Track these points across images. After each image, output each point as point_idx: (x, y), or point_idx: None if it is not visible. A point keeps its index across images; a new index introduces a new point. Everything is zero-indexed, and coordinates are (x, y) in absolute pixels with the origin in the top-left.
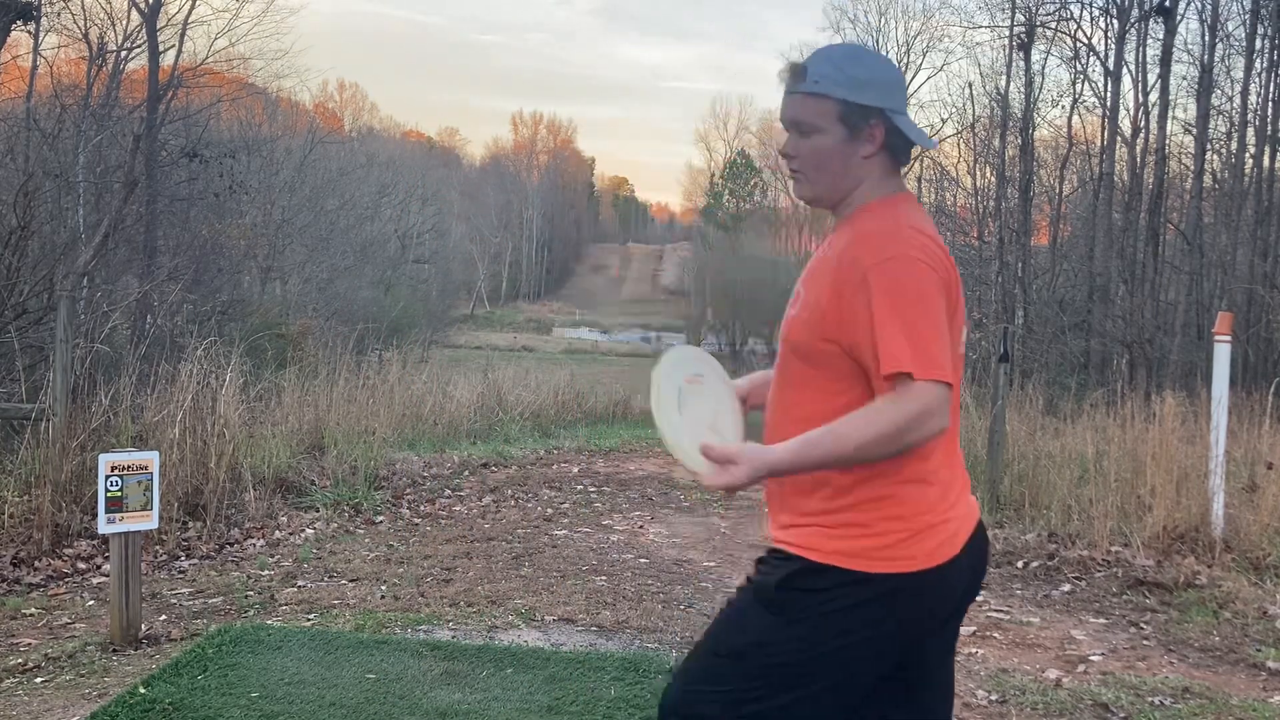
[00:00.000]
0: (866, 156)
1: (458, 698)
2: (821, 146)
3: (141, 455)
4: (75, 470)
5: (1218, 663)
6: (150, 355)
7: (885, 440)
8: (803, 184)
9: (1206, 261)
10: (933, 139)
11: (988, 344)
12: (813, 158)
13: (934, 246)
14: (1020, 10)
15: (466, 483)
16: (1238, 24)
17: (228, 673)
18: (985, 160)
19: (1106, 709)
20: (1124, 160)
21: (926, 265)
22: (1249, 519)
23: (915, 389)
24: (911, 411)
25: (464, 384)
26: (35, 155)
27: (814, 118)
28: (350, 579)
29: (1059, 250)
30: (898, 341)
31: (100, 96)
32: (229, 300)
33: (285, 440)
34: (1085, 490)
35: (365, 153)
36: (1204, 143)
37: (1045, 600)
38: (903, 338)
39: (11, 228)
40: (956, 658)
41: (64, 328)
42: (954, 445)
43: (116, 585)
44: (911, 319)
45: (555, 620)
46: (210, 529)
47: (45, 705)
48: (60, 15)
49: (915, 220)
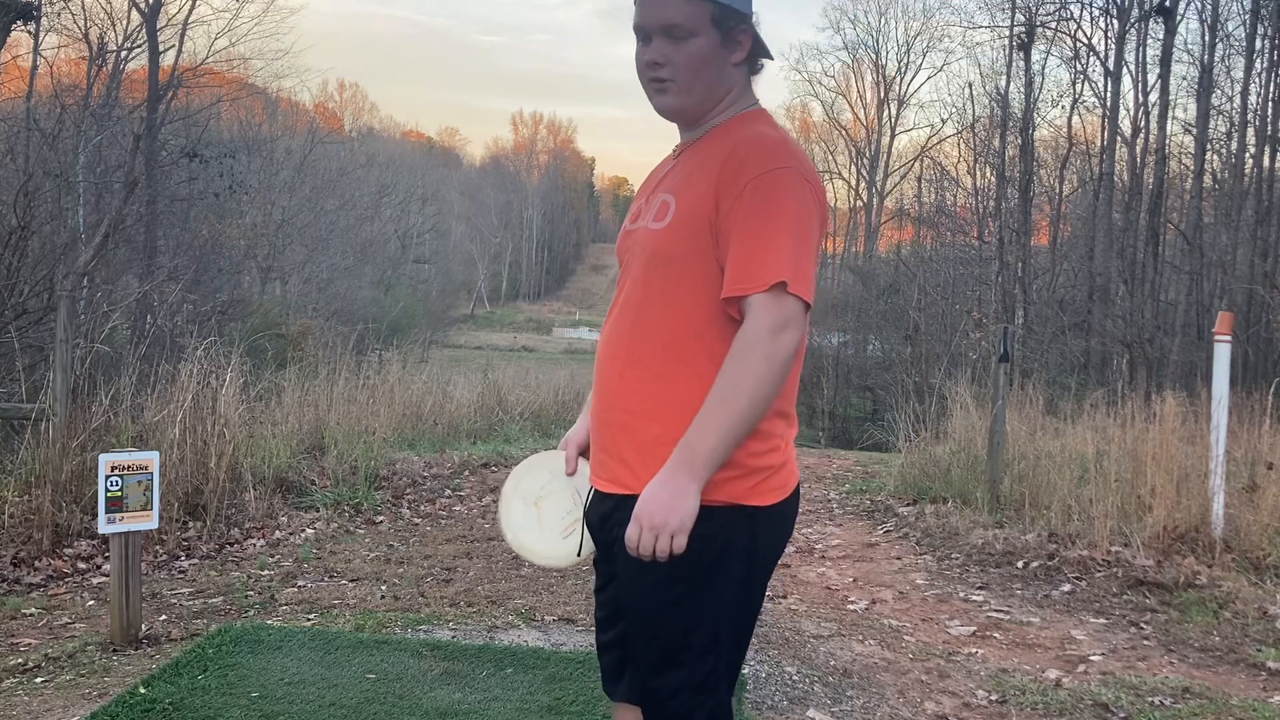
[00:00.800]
0: (736, 64)
1: (458, 698)
2: (696, 52)
3: (141, 455)
4: (75, 470)
5: (1218, 663)
6: (150, 355)
7: (772, 358)
8: (671, 93)
9: (1206, 261)
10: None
11: (988, 344)
12: (688, 63)
13: (811, 165)
14: (1020, 10)
15: (467, 483)
16: (1238, 24)
17: (228, 673)
18: (985, 160)
19: (1106, 709)
20: (1124, 160)
21: (811, 185)
22: (1249, 519)
23: (787, 301)
24: (777, 321)
25: (464, 384)
26: (35, 155)
27: (689, 20)
28: (350, 579)
29: (1059, 250)
30: (776, 251)
31: (100, 96)
32: (229, 300)
33: (285, 440)
34: (1085, 490)
35: (365, 153)
36: (1204, 143)
37: (1045, 600)
38: (784, 250)
39: (11, 228)
40: (957, 657)
41: (64, 328)
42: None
43: (116, 585)
44: (790, 233)
45: (555, 620)
46: (210, 529)
47: (45, 705)
48: (60, 15)
49: (789, 136)
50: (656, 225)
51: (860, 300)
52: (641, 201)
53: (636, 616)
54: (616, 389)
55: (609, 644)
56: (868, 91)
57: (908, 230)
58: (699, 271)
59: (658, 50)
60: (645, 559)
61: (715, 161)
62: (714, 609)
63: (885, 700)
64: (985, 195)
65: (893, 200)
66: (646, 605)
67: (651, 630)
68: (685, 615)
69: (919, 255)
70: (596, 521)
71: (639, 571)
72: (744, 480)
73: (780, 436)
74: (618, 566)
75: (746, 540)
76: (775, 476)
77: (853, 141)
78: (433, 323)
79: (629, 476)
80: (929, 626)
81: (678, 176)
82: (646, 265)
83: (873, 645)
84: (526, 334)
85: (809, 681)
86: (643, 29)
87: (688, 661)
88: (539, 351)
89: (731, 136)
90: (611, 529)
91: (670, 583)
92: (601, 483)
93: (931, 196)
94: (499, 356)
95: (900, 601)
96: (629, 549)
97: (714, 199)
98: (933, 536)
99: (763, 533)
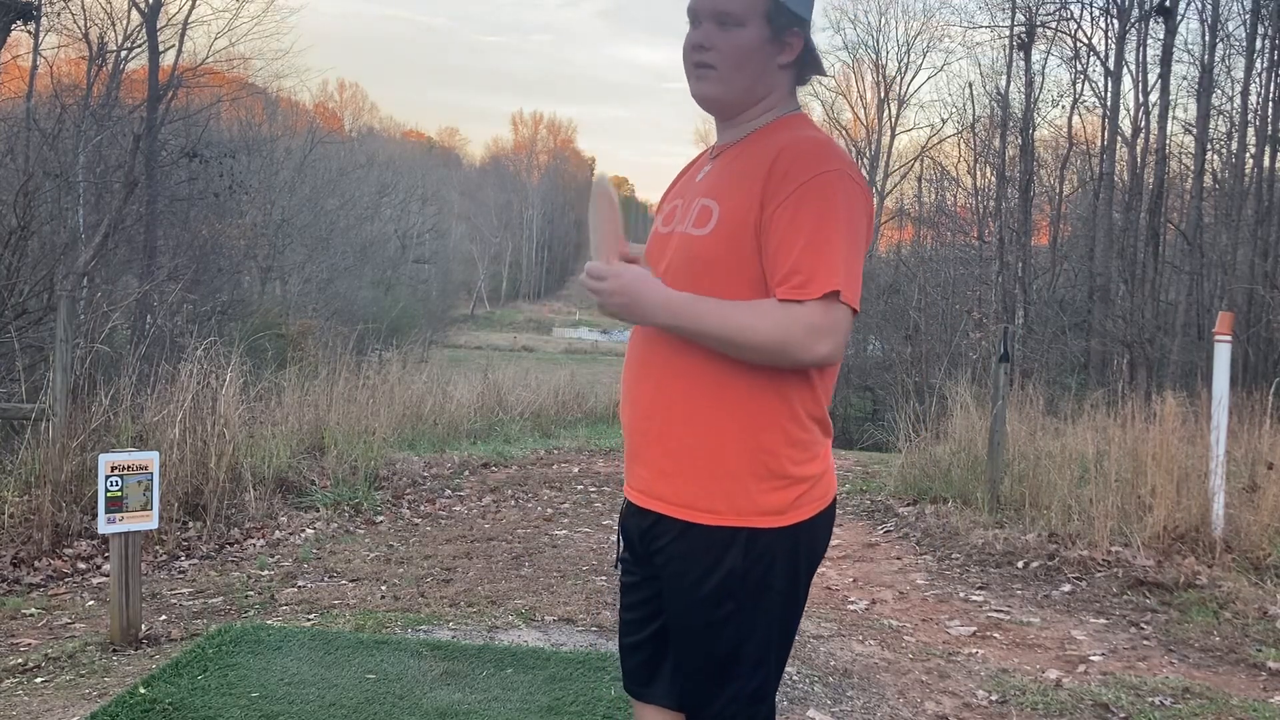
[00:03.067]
0: (782, 65)
1: (458, 698)
2: (743, 42)
3: (141, 455)
4: (75, 470)
5: (1218, 663)
6: (150, 355)
7: (789, 346)
8: (712, 81)
9: (1207, 261)
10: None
11: (988, 344)
12: (733, 54)
13: (858, 168)
14: (1020, 10)
15: (466, 483)
16: (1238, 24)
17: (228, 673)
18: (985, 160)
19: (1107, 709)
20: (1124, 160)
21: (860, 188)
22: (1249, 519)
23: (836, 310)
24: (822, 326)
25: (464, 384)
26: (35, 155)
27: (742, 9)
28: (350, 579)
29: (1059, 250)
30: (829, 257)
31: (100, 96)
32: (229, 300)
33: (285, 440)
34: (1085, 490)
35: (365, 153)
36: (1204, 143)
37: (1045, 600)
38: (836, 255)
39: (11, 228)
40: (957, 658)
41: (64, 328)
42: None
43: (116, 585)
44: (843, 237)
45: (555, 620)
46: (210, 529)
47: (45, 705)
48: (60, 15)
49: (833, 140)
50: (698, 231)
51: (860, 300)
52: (677, 204)
53: (686, 632)
54: (654, 398)
55: (637, 645)
56: (868, 91)
57: (908, 230)
58: (743, 279)
59: (704, 32)
60: (589, 291)
61: (761, 167)
62: (764, 622)
63: (885, 700)
64: (985, 195)
65: (893, 200)
66: (696, 622)
67: (703, 646)
68: (737, 631)
69: (919, 255)
70: (636, 535)
71: (690, 587)
72: (789, 490)
73: (820, 444)
74: (664, 584)
75: (792, 553)
76: (817, 486)
77: (853, 141)
78: (433, 323)
79: (667, 489)
80: (929, 626)
81: (719, 181)
82: (687, 271)
83: (873, 645)
84: (526, 334)
85: (809, 681)
86: (695, 11)
87: (741, 674)
88: (539, 351)
89: (776, 141)
90: (650, 543)
91: (721, 599)
92: (638, 495)
93: (931, 196)
94: (499, 356)
95: (900, 601)
96: (590, 287)
97: (759, 204)
98: (933, 536)
99: (806, 543)
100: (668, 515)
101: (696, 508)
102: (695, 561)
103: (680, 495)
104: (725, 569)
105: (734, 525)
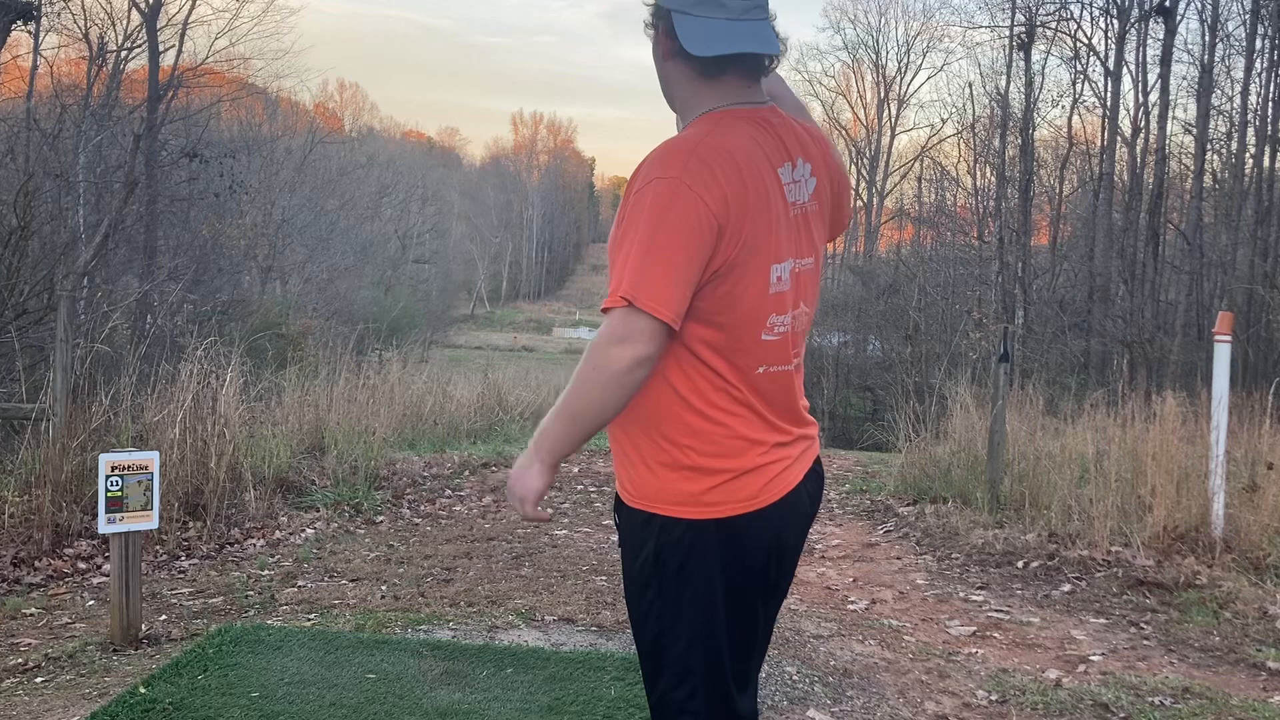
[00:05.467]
0: (667, 61)
1: (458, 698)
2: (654, 58)
3: (141, 455)
4: (75, 470)
5: (1218, 663)
6: (150, 355)
7: (601, 367)
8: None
9: (1206, 261)
10: (717, 44)
11: (988, 344)
12: (657, 73)
13: (718, 172)
14: (1020, 10)
15: (467, 483)
16: (1238, 24)
17: (228, 673)
18: (985, 160)
19: (1107, 709)
20: (1124, 160)
21: (682, 190)
22: (1249, 519)
23: (632, 317)
24: (618, 333)
25: (464, 384)
26: (35, 155)
27: (651, 15)
28: (350, 579)
29: (1059, 250)
30: (623, 267)
31: (100, 96)
32: (229, 300)
33: (285, 440)
34: (1085, 490)
35: (365, 153)
36: (1204, 143)
37: (1045, 600)
38: (631, 263)
39: (11, 228)
40: (957, 657)
41: (64, 328)
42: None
43: (116, 585)
44: (641, 245)
45: (555, 620)
46: (210, 529)
47: (45, 705)
48: (60, 15)
49: (714, 139)
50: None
51: (860, 300)
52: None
53: (630, 616)
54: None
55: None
56: (868, 91)
57: (908, 230)
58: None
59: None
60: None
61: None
62: (686, 621)
63: (885, 700)
64: (985, 195)
65: (893, 200)
66: (631, 606)
67: (637, 632)
68: (659, 621)
69: (919, 255)
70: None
71: (626, 568)
72: (698, 480)
73: (738, 438)
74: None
75: (711, 550)
76: (741, 485)
77: (853, 141)
78: (433, 323)
79: (619, 475)
80: (929, 626)
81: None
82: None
83: (873, 645)
84: (526, 334)
85: (809, 681)
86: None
87: (666, 676)
88: (539, 351)
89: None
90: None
91: (645, 583)
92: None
93: (931, 196)
94: (499, 356)
95: (900, 601)
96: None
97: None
98: (933, 536)
99: (731, 546)
100: (619, 494)
101: (625, 490)
102: (628, 541)
103: (620, 479)
104: (645, 552)
105: (649, 510)
